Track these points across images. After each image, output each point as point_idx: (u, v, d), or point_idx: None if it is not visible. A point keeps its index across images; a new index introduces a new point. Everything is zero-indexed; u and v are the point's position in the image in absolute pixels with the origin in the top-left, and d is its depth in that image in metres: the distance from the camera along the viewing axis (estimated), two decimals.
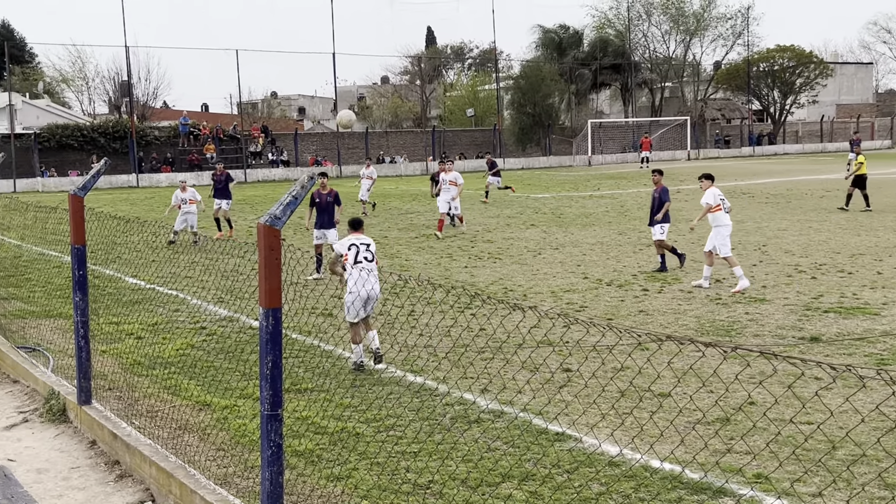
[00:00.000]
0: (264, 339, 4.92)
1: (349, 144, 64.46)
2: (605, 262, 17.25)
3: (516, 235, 22.04)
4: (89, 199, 8.04)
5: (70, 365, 9.29)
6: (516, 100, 68.79)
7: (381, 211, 29.88)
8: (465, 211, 28.82)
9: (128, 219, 9.52)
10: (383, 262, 17.88)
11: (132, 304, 13.27)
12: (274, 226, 4.89)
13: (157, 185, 51.00)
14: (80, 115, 68.37)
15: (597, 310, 12.57)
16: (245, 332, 11.07)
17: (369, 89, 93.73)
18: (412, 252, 19.49)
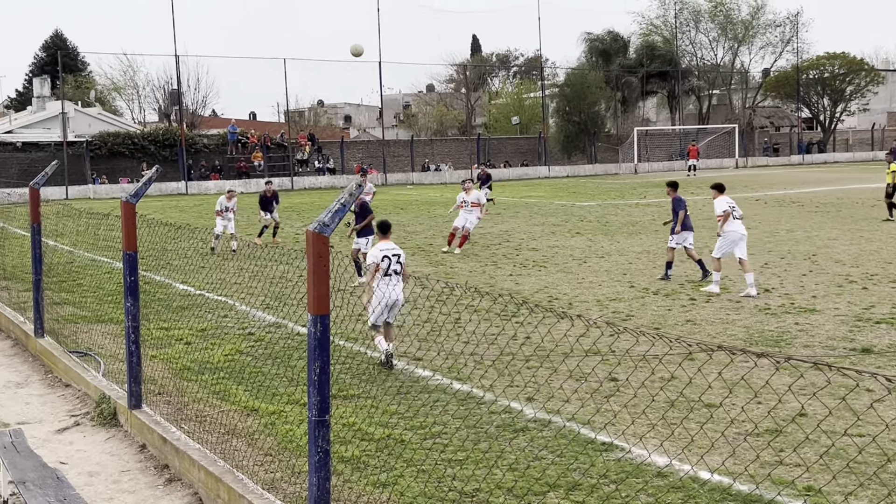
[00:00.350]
0: (312, 345, 4.94)
1: (394, 152, 64.72)
2: (652, 270, 17.10)
3: (561, 244, 21.95)
4: (139, 205, 8.16)
5: (121, 369, 9.42)
6: (562, 107, 68.57)
7: (426, 219, 29.93)
8: (509, 219, 28.73)
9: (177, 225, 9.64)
10: (427, 269, 17.90)
11: (181, 309, 13.42)
12: (322, 233, 4.92)
13: (206, 192, 51.60)
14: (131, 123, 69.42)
15: (643, 319, 12.46)
16: (292, 338, 11.14)
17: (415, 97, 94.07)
18: (457, 260, 19.49)
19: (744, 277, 14.63)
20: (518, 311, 11.87)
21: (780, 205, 31.75)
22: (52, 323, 11.87)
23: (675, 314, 12.82)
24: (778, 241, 21.07)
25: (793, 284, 15.10)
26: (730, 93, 79.38)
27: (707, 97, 79.23)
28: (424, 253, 20.71)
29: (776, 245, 20.42)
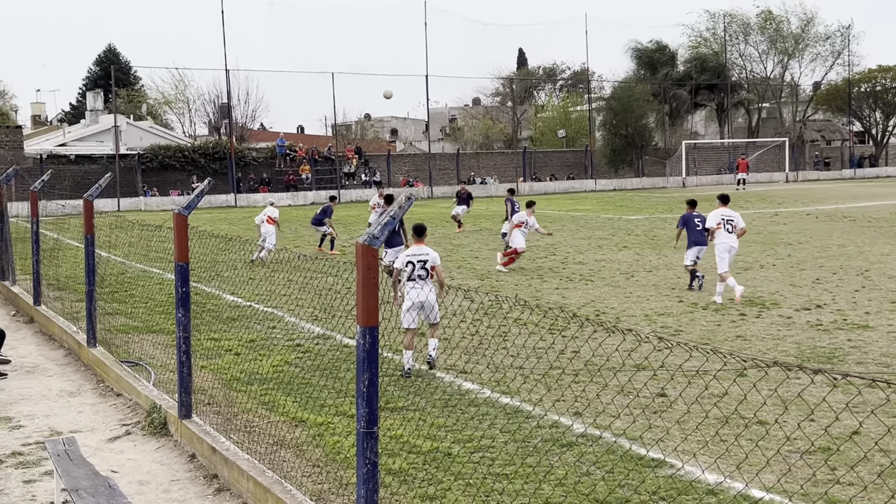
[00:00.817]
0: (361, 357, 4.95)
1: (440, 165, 64.87)
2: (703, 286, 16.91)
3: (608, 257, 21.81)
4: (190, 218, 8.26)
5: (171, 379, 9.52)
6: (608, 120, 68.27)
7: (472, 231, 29.93)
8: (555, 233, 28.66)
9: (227, 237, 9.74)
10: (474, 283, 17.89)
11: (231, 320, 13.55)
12: (372, 245, 4.93)
13: (255, 204, 52.09)
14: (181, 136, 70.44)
15: (692, 334, 12.32)
16: (340, 350, 11.18)
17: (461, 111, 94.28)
18: (507, 274, 19.44)
19: (716, 285, 15.35)
20: (567, 325, 11.79)
21: (832, 220, 31.26)
22: (104, 333, 12.04)
23: (724, 330, 12.66)
24: (829, 257, 20.74)
25: (845, 300, 14.84)
26: (780, 106, 78.44)
27: (756, 110, 78.35)
28: (469, 266, 20.69)
29: (827, 260, 20.10)
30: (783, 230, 27.26)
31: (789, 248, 22.77)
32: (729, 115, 75.18)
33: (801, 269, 18.98)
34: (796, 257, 20.79)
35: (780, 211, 34.01)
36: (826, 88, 77.44)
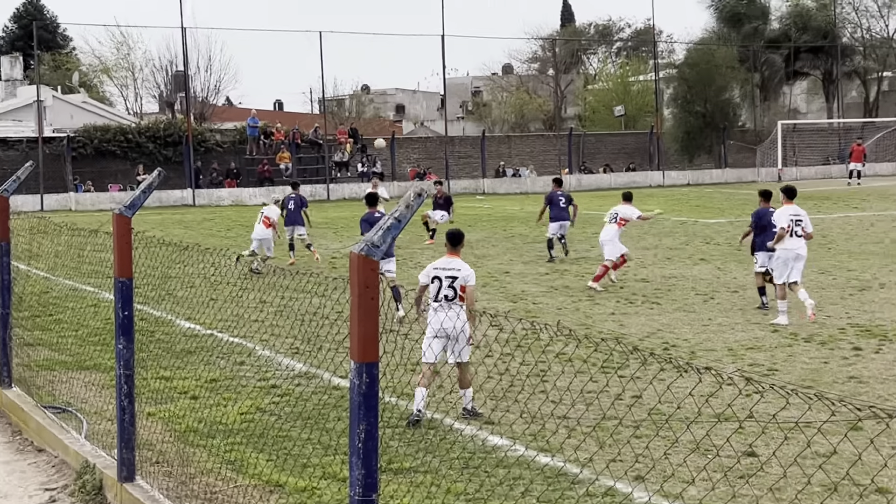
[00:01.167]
0: (356, 403, 4.95)
1: (460, 152, 65.00)
2: (802, 309, 16.86)
3: (680, 273, 21.76)
4: (135, 219, 8.30)
5: (108, 430, 9.55)
6: (681, 94, 68.17)
7: (502, 239, 29.96)
8: None
9: (183, 245, 9.77)
10: (504, 305, 17.88)
11: (187, 353, 13.58)
12: (372, 256, 4.94)
13: (219, 203, 52.37)
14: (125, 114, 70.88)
15: (791, 374, 12.28)
16: (328, 393, 11.18)
17: (487, 81, 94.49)
18: (541, 293, 19.44)
19: (778, 303, 15.95)
20: (626, 361, 11.77)
21: None
22: (22, 370, 12.09)
23: (833, 368, 12.61)
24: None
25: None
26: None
27: (875, 81, 78.07)
28: (499, 284, 20.69)
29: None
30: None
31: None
32: (839, 87, 74.96)
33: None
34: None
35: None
36: None
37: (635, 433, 9.46)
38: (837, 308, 17.01)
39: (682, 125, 67.59)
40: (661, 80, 70.70)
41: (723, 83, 66.83)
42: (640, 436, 9.41)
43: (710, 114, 66.27)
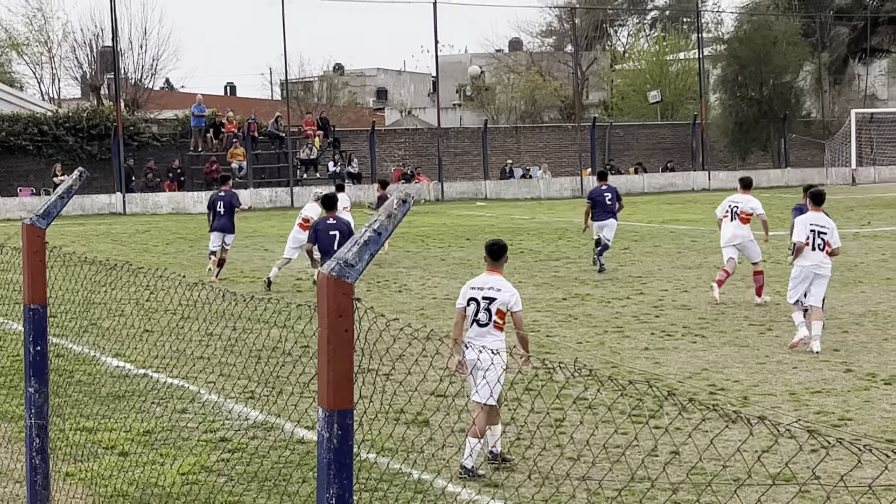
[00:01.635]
0: (325, 461, 4.95)
1: (456, 148, 65.14)
2: (882, 344, 16.87)
3: (730, 298, 21.77)
4: (51, 231, 8.28)
5: (16, 495, 9.51)
6: (731, 76, 68.29)
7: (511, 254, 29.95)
8: (643, 257, 28.64)
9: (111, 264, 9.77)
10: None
11: (115, 399, 13.54)
12: (345, 278, 4.94)
13: (155, 210, 52.38)
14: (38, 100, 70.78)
15: (868, 425, 12.29)
16: (290, 449, 11.17)
17: (490, 60, 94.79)
18: (559, 322, 19.44)
19: (811, 326, 16.41)
20: (660, 409, 11.77)
21: None
22: None
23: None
24: None
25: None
26: None
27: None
28: None
29: None
30: None
31: None
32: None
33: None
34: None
35: None
36: None
37: (672, 497, 9.46)
38: None
39: (732, 114, 67.50)
40: (707, 58, 70.81)
41: (783, 63, 66.73)
42: (679, 501, 9.41)
43: (766, 100, 66.27)
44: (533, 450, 10.74)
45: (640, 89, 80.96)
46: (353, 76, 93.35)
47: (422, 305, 21.51)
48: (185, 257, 31.02)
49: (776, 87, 66.53)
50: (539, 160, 66.65)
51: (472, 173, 63.36)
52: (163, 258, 30.03)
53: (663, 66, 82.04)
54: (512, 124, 75.59)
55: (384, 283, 24.73)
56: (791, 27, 68.36)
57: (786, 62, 67.13)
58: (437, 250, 31.32)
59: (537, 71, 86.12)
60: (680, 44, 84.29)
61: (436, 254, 30.19)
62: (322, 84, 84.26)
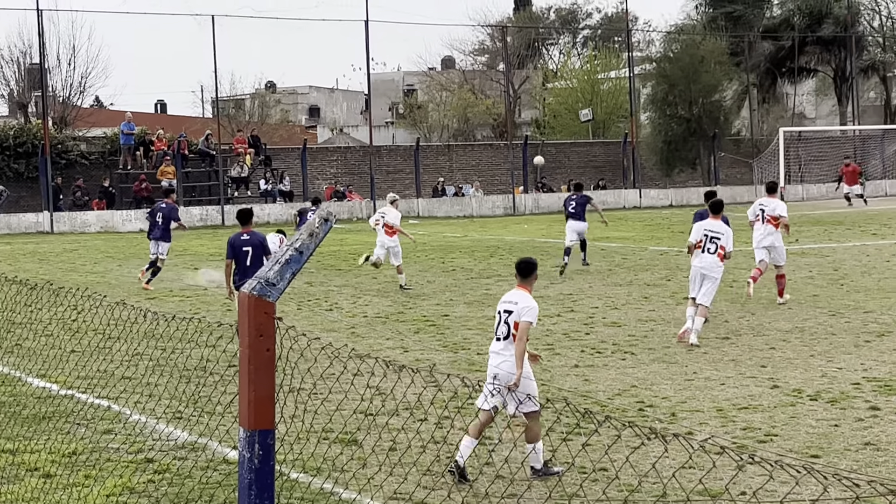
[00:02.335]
0: (246, 481, 4.92)
1: (389, 166, 65.15)
2: (808, 360, 17.02)
3: (660, 315, 21.89)
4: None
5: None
6: (660, 95, 68.71)
7: (440, 274, 29.99)
8: (574, 276, 28.75)
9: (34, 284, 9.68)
10: (441, 356, 17.88)
11: (38, 420, 13.40)
12: (266, 297, 4.92)
13: (84, 229, 51.90)
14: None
15: (794, 440, 12.40)
16: (216, 469, 11.11)
17: (423, 78, 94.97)
18: (488, 341, 19.32)
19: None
20: (578, 423, 11.80)
21: None
22: None
23: (845, 432, 12.73)
24: None
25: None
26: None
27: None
28: (436, 329, 20.70)
29: None
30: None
31: None
32: (854, 86, 76.07)
33: None
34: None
35: None
36: None
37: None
38: (851, 358, 17.14)
39: (662, 133, 67.83)
40: (637, 77, 71.31)
41: (711, 82, 67.22)
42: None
43: (696, 119, 66.68)
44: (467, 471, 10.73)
45: (571, 108, 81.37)
46: (285, 94, 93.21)
47: (353, 324, 21.47)
48: (112, 276, 30.77)
49: (705, 106, 67.00)
50: (471, 178, 66.79)
51: (404, 191, 63.30)
52: (90, 277, 29.77)
53: (595, 84, 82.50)
54: (444, 142, 75.70)
55: (315, 302, 24.66)
56: (717, 47, 68.89)
57: (714, 81, 67.64)
58: (369, 268, 31.28)
59: (470, 89, 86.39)
60: (611, 62, 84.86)
61: (367, 272, 30.14)
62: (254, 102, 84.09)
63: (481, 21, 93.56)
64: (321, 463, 10.93)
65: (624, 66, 75.93)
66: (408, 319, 21.86)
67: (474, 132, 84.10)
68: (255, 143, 61.92)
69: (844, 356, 17.33)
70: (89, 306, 9.33)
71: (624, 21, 78.39)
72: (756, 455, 4.47)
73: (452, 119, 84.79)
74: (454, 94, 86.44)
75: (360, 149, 67.83)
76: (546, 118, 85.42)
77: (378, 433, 11.60)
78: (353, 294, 25.91)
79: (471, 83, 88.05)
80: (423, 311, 22.95)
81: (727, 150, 69.02)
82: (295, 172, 61.07)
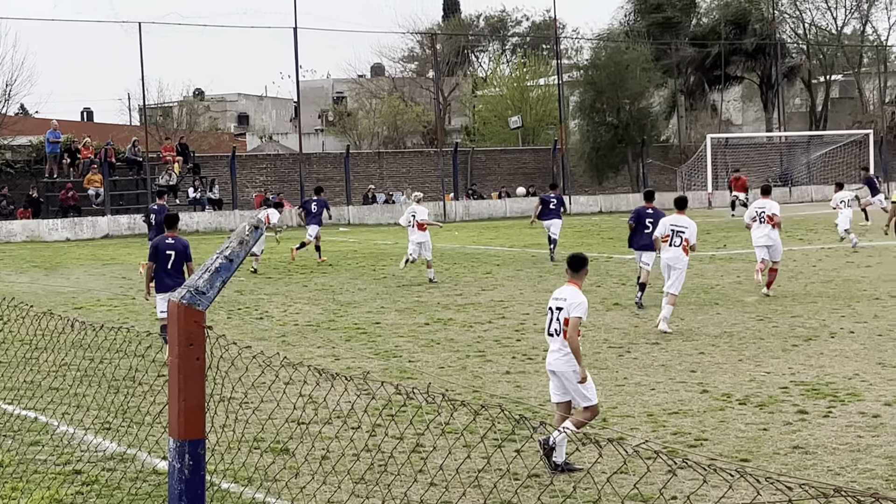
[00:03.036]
0: (176, 491, 4.89)
1: (319, 173, 64.94)
2: (737, 365, 17.14)
3: (590, 321, 21.92)
4: None
5: None
6: (588, 102, 68.99)
7: (371, 282, 29.95)
8: (504, 282, 28.80)
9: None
10: (374, 363, 17.84)
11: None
12: (195, 305, 4.89)
13: (9, 239, 51.32)
14: None
15: (723, 444, 12.48)
16: (146, 480, 11.02)
17: (352, 85, 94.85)
18: (421, 348, 19.43)
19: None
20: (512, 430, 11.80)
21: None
22: None
23: (773, 436, 12.82)
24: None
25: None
26: (858, 79, 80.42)
27: (822, 86, 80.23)
28: (367, 337, 20.66)
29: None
30: (867, 276, 27.80)
31: (876, 305, 23.25)
32: (780, 93, 76.83)
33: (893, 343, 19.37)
34: (887, 320, 21.21)
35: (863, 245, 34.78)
36: None
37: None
38: (779, 362, 17.28)
39: (590, 139, 68.05)
40: (566, 84, 71.53)
41: (639, 88, 67.55)
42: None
43: (623, 126, 66.96)
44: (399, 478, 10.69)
45: (501, 115, 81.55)
46: (213, 101, 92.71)
47: (284, 332, 21.37)
48: (39, 286, 30.45)
49: (633, 113, 67.36)
50: (402, 185, 66.73)
51: (334, 199, 63.10)
52: (14, 288, 29.42)
53: (524, 91, 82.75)
54: (375, 150, 75.66)
55: (245, 311, 24.54)
56: (645, 54, 69.22)
57: (640, 88, 67.97)
58: (300, 276, 31.17)
59: (400, 96, 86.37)
60: (540, 70, 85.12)
61: (298, 280, 30.03)
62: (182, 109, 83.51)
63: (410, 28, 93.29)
64: (252, 473, 10.87)
65: (553, 74, 76.19)
66: (339, 327, 21.81)
67: (404, 139, 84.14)
68: (184, 150, 61.52)
69: (772, 360, 17.47)
70: (15, 316, 9.24)
71: (552, 28, 78.67)
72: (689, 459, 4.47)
73: (382, 126, 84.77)
74: (384, 102, 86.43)
75: (290, 156, 67.58)
76: (476, 125, 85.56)
77: (310, 442, 11.55)
78: (284, 302, 25.80)
79: (400, 90, 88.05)
80: (355, 319, 22.90)
81: (655, 157, 69.43)
82: (224, 180, 60.77)
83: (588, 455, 10.56)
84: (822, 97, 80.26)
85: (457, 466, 10.75)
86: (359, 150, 75.08)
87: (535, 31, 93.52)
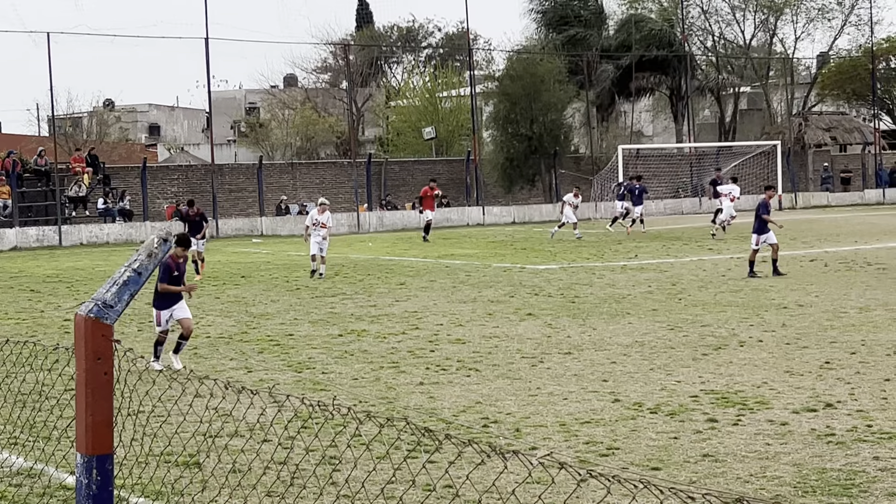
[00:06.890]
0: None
1: (232, 185, 64.65)
2: (648, 374, 17.24)
3: (504, 332, 21.99)
4: None
5: None
6: (502, 114, 69.19)
7: (284, 293, 29.81)
8: (419, 293, 28.78)
9: None
10: (287, 375, 17.76)
11: None
12: (103, 319, 4.85)
13: None
14: None
15: (635, 453, 12.53)
16: (53, 496, 10.89)
17: (265, 96, 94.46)
18: (334, 359, 19.36)
19: None
20: (420, 442, 11.80)
21: (849, 268, 32.48)
22: None
23: (684, 445, 12.90)
24: (846, 327, 21.48)
25: (870, 395, 15.36)
26: (766, 91, 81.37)
27: (731, 97, 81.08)
28: (280, 349, 20.55)
29: (843, 333, 20.81)
30: (774, 287, 28.11)
31: (783, 314, 23.51)
32: (689, 104, 77.52)
33: (803, 346, 19.57)
34: (794, 328, 21.44)
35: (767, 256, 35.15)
36: (836, 64, 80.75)
37: None
38: (690, 371, 17.39)
39: (503, 150, 68.33)
40: (479, 95, 71.75)
41: (551, 100, 67.89)
42: None
43: (537, 137, 67.25)
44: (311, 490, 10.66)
45: (414, 126, 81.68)
46: (124, 112, 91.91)
47: (195, 345, 21.17)
48: None
49: (546, 124, 67.67)
50: (314, 196, 66.53)
51: (247, 210, 62.95)
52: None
53: (437, 102, 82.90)
54: (288, 160, 75.39)
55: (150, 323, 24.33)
56: (557, 65, 69.60)
57: (554, 100, 68.36)
58: (212, 288, 30.93)
59: (312, 107, 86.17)
60: (453, 81, 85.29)
61: (210, 292, 29.81)
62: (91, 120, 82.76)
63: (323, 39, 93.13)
64: (161, 487, 10.78)
65: (466, 85, 76.39)
66: (251, 339, 21.68)
67: (318, 150, 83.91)
68: (94, 161, 61.00)
69: (683, 369, 17.59)
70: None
71: (465, 39, 78.86)
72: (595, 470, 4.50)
73: (295, 137, 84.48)
74: (297, 112, 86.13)
75: (202, 167, 67.21)
76: (389, 136, 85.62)
77: (219, 455, 11.46)
78: (195, 314, 25.51)
79: (313, 101, 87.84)
80: (267, 331, 22.78)
81: (567, 168, 69.83)
82: (135, 191, 60.34)
83: (496, 466, 10.57)
84: (732, 108, 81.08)
85: (364, 478, 10.74)
86: (272, 160, 74.83)
87: (447, 41, 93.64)
